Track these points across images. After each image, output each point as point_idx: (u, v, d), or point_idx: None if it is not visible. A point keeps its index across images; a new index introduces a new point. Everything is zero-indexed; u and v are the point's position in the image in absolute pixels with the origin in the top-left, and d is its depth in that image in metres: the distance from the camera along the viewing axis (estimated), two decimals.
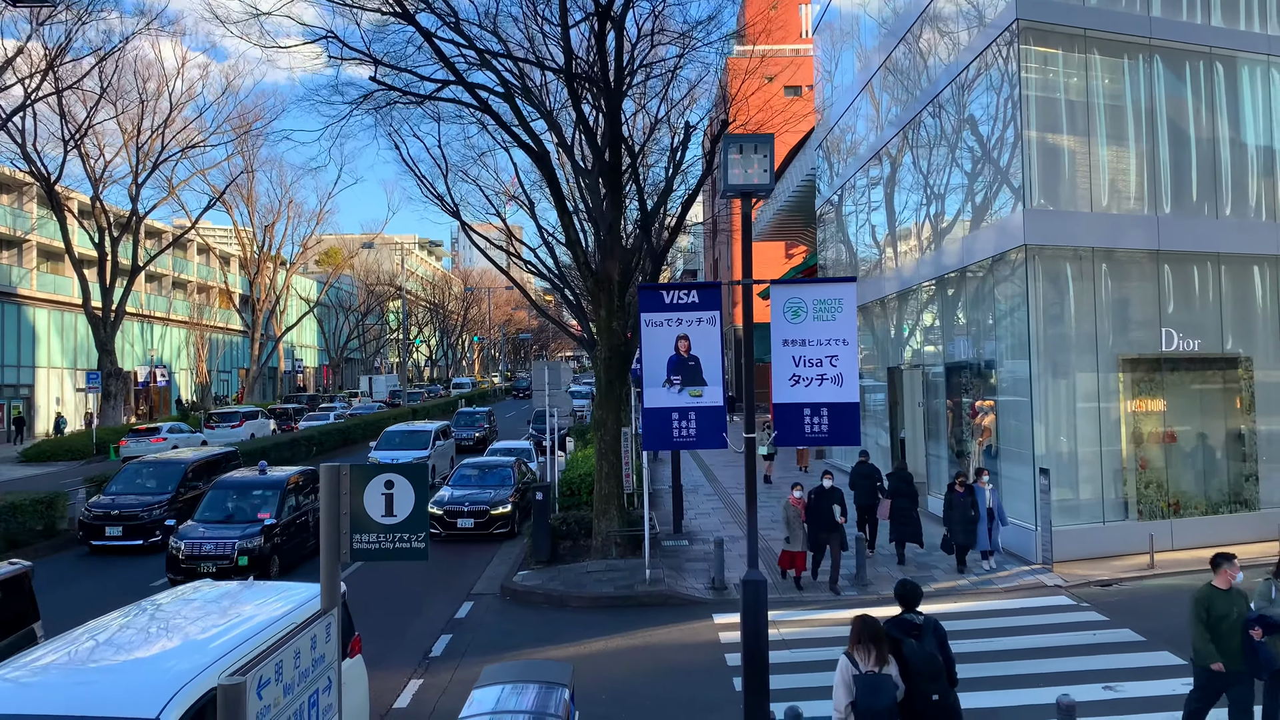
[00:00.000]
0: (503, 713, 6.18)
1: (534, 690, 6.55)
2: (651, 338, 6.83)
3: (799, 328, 6.91)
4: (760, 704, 6.50)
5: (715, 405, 6.75)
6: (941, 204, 20.85)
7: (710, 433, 6.75)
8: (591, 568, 15.95)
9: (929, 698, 6.53)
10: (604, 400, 16.88)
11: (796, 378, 6.85)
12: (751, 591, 6.59)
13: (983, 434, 18.70)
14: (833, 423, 6.87)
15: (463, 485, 21.03)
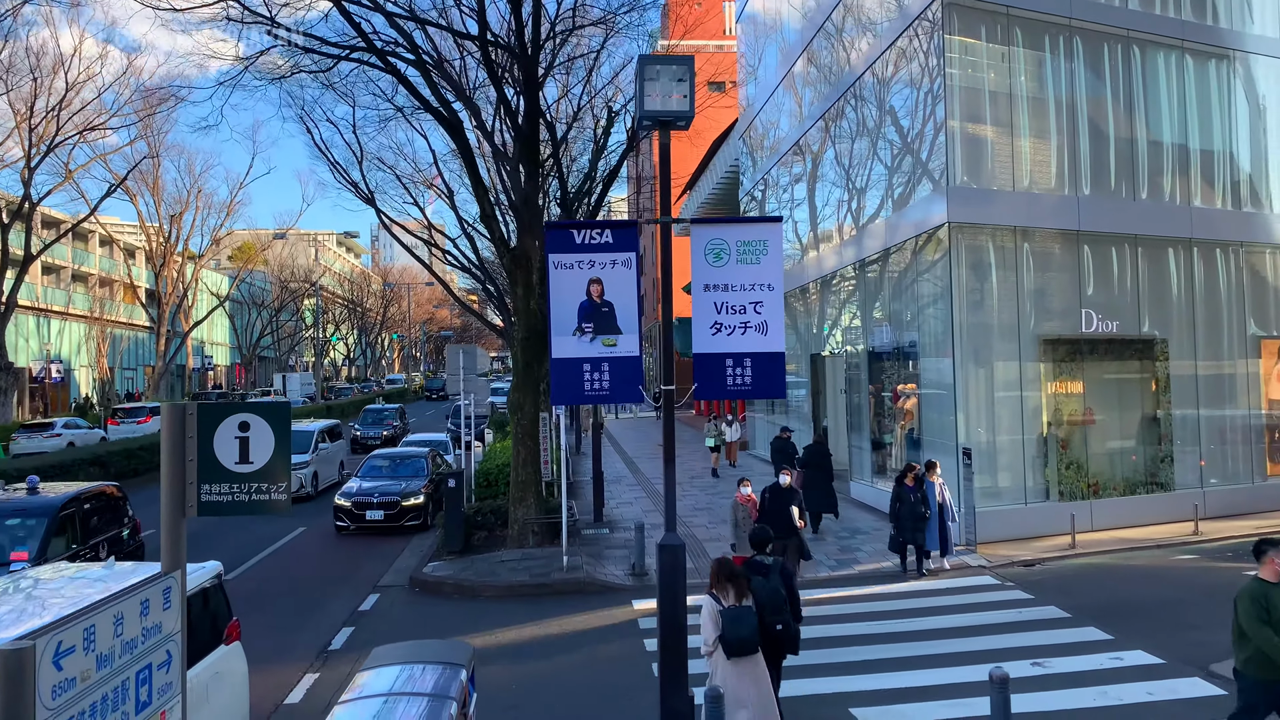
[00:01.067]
0: (387, 695, 5.49)
1: (426, 671, 5.87)
2: (560, 281, 6.18)
3: (721, 271, 6.35)
4: (677, 677, 5.94)
5: (631, 355, 6.15)
6: (864, 189, 20.67)
7: (626, 385, 6.14)
8: (506, 557, 15.24)
9: (774, 627, 7.50)
10: (521, 383, 16.19)
11: (718, 325, 6.30)
12: (669, 556, 6.02)
13: (905, 418, 18.51)
14: (757, 374, 6.31)
15: (373, 476, 20.08)
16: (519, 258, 15.91)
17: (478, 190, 15.86)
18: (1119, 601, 12.12)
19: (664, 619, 5.95)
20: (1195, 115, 18.24)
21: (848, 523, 17.61)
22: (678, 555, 5.96)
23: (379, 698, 5.52)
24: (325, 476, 24.51)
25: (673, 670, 5.96)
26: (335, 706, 5.57)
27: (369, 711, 5.34)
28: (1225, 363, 18.35)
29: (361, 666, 6.24)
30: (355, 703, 5.51)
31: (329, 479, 24.76)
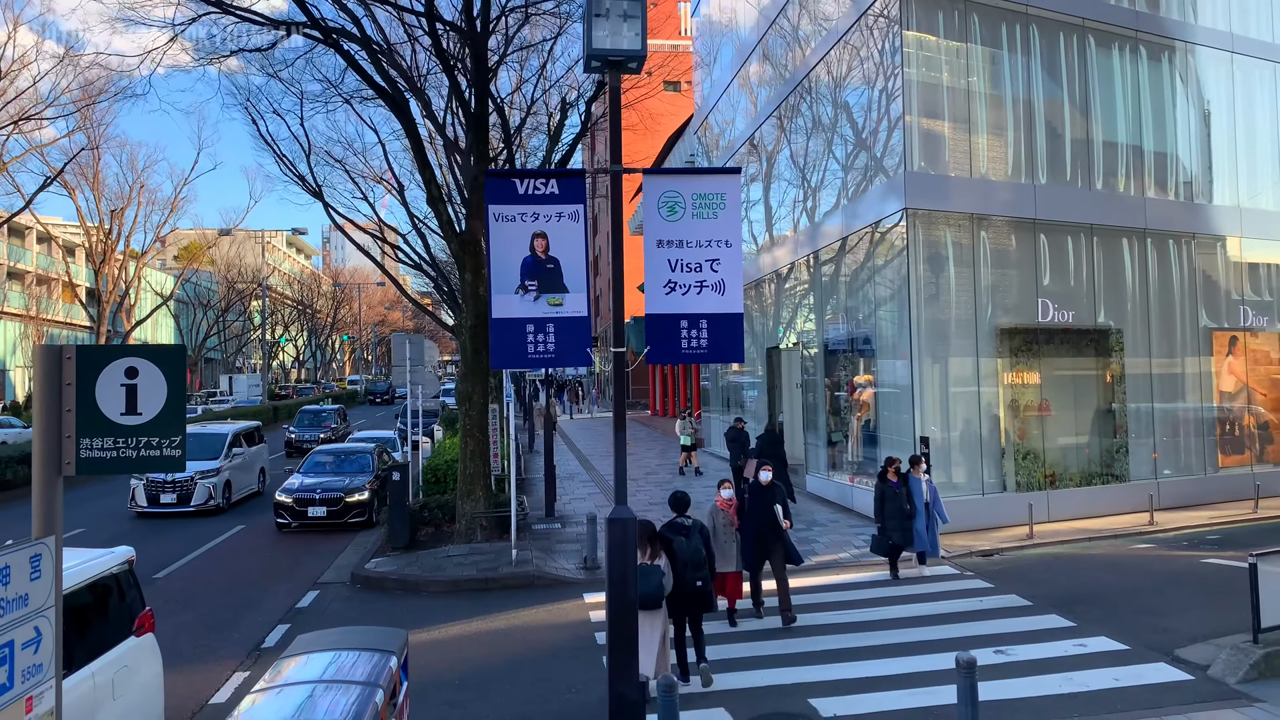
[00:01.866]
0: (307, 682, 4.98)
1: (353, 657, 5.37)
2: (501, 235, 5.68)
3: (676, 226, 5.89)
4: (627, 661, 5.50)
5: (578, 316, 5.66)
6: (820, 182, 20.44)
7: (573, 348, 5.66)
8: (453, 552, 14.69)
9: (694, 584, 8.53)
10: (470, 372, 15.65)
11: (672, 284, 5.84)
12: (619, 530, 5.57)
13: (861, 410, 18.27)
14: (713, 337, 5.86)
15: (316, 472, 19.37)
16: (467, 242, 15.38)
17: (424, 172, 15.31)
18: (1079, 589, 11.91)
19: (613, 598, 5.51)
20: (1148, 107, 18.25)
21: (804, 515, 17.28)
22: (628, 530, 5.53)
23: (298, 685, 5.02)
24: (241, 486, 21.66)
25: (623, 654, 5.52)
26: (249, 695, 5.05)
27: (287, 700, 4.84)
28: (1178, 354, 18.37)
29: (284, 654, 5.73)
30: (271, 691, 5.00)
31: (246, 488, 21.98)
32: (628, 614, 5.52)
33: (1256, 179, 19.59)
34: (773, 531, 10.61)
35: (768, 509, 10.67)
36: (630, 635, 5.57)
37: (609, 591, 5.62)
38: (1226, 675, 8.45)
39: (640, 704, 5.50)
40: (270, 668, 5.55)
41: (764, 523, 10.59)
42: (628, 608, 5.52)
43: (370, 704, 4.70)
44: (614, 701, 5.53)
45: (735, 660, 9.50)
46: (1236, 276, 19.34)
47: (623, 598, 5.50)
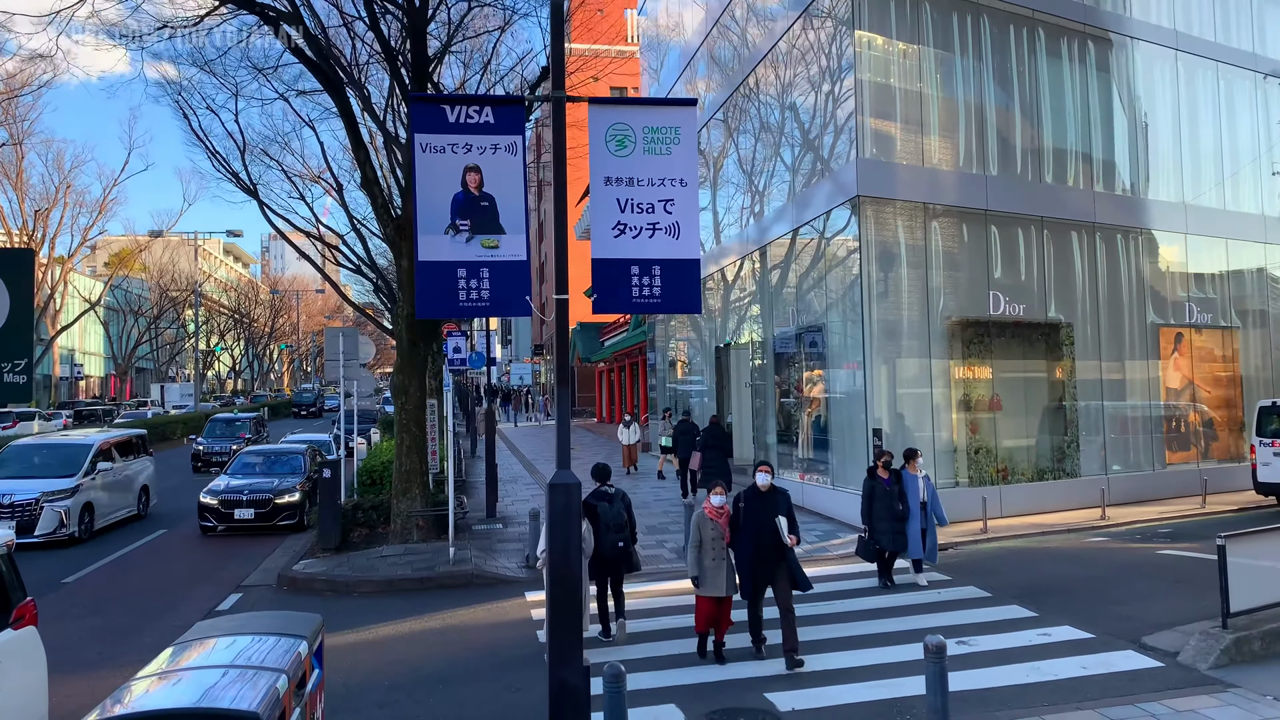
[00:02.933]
0: (201, 668, 4.30)
1: (254, 642, 4.70)
2: (430, 168, 5.04)
3: (625, 163, 5.30)
4: (569, 644, 4.89)
5: (516, 260, 5.05)
6: (770, 175, 20.09)
7: (510, 295, 5.03)
8: (387, 552, 13.92)
9: (616, 545, 9.39)
10: (406, 364, 14.91)
11: (621, 226, 5.25)
12: (561, 496, 4.96)
13: (812, 405, 17.88)
14: (668, 285, 5.27)
15: (244, 474, 18.40)
16: (404, 227, 14.67)
17: (358, 154, 14.58)
18: (1039, 580, 11.57)
19: (555, 573, 4.91)
20: (1096, 103, 18.21)
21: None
22: (571, 496, 4.93)
23: (193, 671, 4.34)
24: (109, 509, 17.46)
25: (565, 635, 4.92)
26: (137, 681, 4.37)
27: (178, 688, 4.16)
28: (1126, 350, 18.30)
29: (179, 640, 5.03)
30: (162, 678, 4.31)
31: (116, 512, 17.75)
32: (571, 591, 4.92)
33: (1200, 176, 19.68)
34: (775, 550, 8.51)
35: (768, 521, 8.52)
36: (574, 616, 4.98)
37: (550, 566, 5.02)
38: (1197, 661, 8.10)
39: (584, 691, 4.90)
40: (163, 654, 4.86)
41: (764, 538, 8.50)
42: (571, 585, 4.93)
43: (270, 690, 4.03)
44: (554, 689, 4.92)
45: (685, 655, 8.94)
46: (1182, 273, 19.37)
47: (566, 573, 4.90)
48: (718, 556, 8.58)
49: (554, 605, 4.95)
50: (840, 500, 15.88)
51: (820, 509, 16.63)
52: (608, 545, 9.32)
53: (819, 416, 17.53)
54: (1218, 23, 20.12)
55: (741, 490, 8.89)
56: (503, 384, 72.38)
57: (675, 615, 10.37)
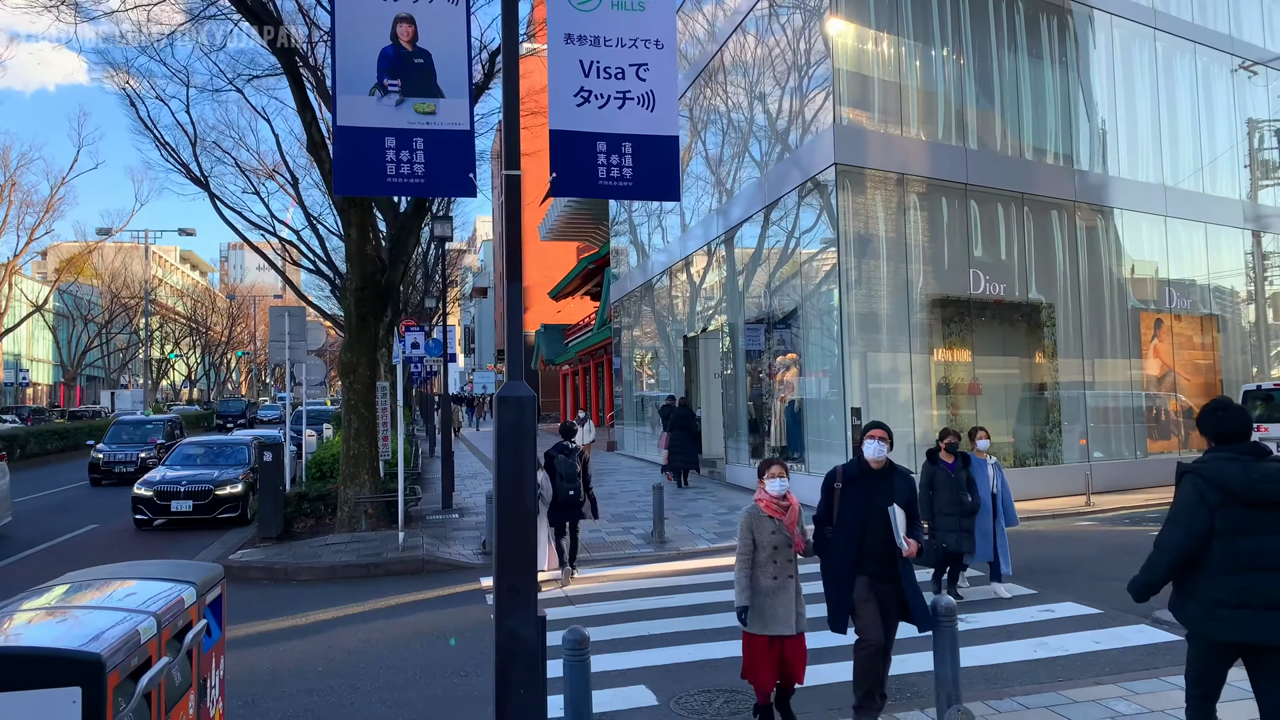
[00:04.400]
0: (41, 609, 3.37)
1: (123, 586, 3.77)
2: (352, 15, 4.08)
3: (590, 19, 4.34)
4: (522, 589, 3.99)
5: (456, 129, 4.15)
6: (743, 150, 19.36)
7: (448, 170, 4.13)
8: (333, 540, 12.91)
9: (568, 493, 10.18)
10: (355, 341, 13.93)
11: (586, 94, 4.35)
12: (513, 411, 3.98)
13: (785, 391, 17.11)
14: (640, 165, 4.37)
15: (184, 464, 17.26)
16: (354, 196, 13.72)
17: (304, 114, 13.58)
18: (1033, 560, 10.84)
19: (505, 505, 4.03)
20: (1076, 78, 17.69)
21: (725, 501, 16.02)
22: (525, 410, 4.04)
23: (29, 612, 3.40)
24: None
25: (515, 578, 4.04)
26: None
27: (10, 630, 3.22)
28: (1108, 334, 17.74)
29: (37, 586, 4.08)
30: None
31: None
32: (523, 524, 4.04)
33: (1179, 160, 19.24)
34: (885, 559, 5.55)
35: (878, 512, 5.54)
36: (527, 555, 4.09)
37: (498, 496, 4.13)
38: None
39: (535, 644, 4.02)
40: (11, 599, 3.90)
41: (870, 539, 5.55)
42: (522, 516, 4.04)
43: (128, 633, 3.11)
44: (503, 642, 4.03)
45: (656, 636, 8.07)
46: (1162, 257, 18.88)
47: (517, 502, 4.02)
48: (782, 573, 5.60)
49: (504, 541, 4.06)
50: (815, 486, 15.06)
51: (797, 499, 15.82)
52: (561, 493, 10.29)
53: (793, 403, 16.76)
54: (1194, 3, 19.75)
55: (839, 467, 5.91)
56: (466, 392, 71.60)
57: (645, 597, 9.51)
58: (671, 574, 10.66)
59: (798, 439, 16.38)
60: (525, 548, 4.08)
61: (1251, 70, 20.75)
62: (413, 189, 4.21)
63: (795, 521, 5.80)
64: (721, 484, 18.68)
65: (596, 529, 13.60)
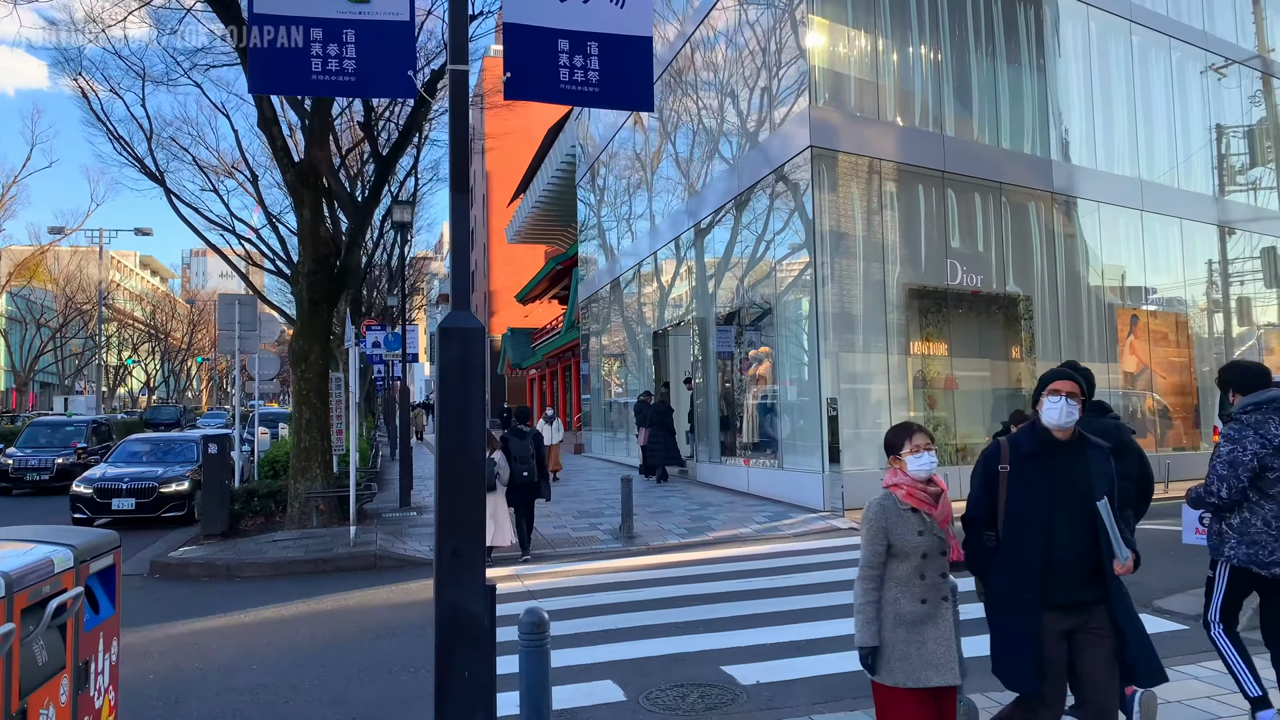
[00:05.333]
0: None
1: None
2: None
3: None
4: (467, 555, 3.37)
5: (394, 20, 3.55)
6: (716, 136, 18.86)
7: (384, 68, 3.52)
8: (281, 537, 12.18)
9: (521, 474, 10.48)
10: (306, 326, 13.22)
11: None
12: (456, 344, 3.35)
13: (758, 384, 16.58)
14: (608, 69, 3.76)
15: (128, 461, 16.41)
16: (305, 173, 13.04)
17: None
18: None
19: (447, 456, 3.41)
20: (1057, 66, 17.38)
21: (695, 498, 15.44)
22: (471, 344, 3.40)
23: None
24: None
25: (458, 540, 3.43)
26: None
27: None
28: (1084, 329, 17.40)
29: None
30: None
31: None
32: (467, 479, 3.44)
33: (1154, 154, 19.00)
34: (1089, 579, 3.68)
35: (1072, 505, 3.68)
36: (472, 513, 3.49)
37: (440, 444, 3.52)
38: None
39: (482, 619, 3.40)
40: None
41: (1062, 546, 3.65)
42: (467, 470, 3.44)
43: None
44: (443, 616, 3.41)
45: (622, 630, 7.47)
46: (1138, 252, 18.59)
47: (463, 454, 3.41)
48: (934, 593, 3.75)
49: (446, 496, 3.45)
50: (789, 482, 14.58)
51: (766, 493, 15.30)
52: (516, 474, 10.56)
53: (765, 396, 16.23)
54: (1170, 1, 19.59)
55: (1005, 439, 4.01)
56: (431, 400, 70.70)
57: (612, 591, 8.90)
58: (640, 568, 10.07)
59: (770, 433, 15.85)
60: (471, 504, 3.47)
61: (1220, 72, 20.61)
62: (341, 88, 3.60)
63: (949, 518, 3.86)
64: (693, 482, 18.10)
65: (562, 524, 12.98)
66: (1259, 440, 4.31)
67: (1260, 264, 21.56)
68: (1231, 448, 4.39)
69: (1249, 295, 21.32)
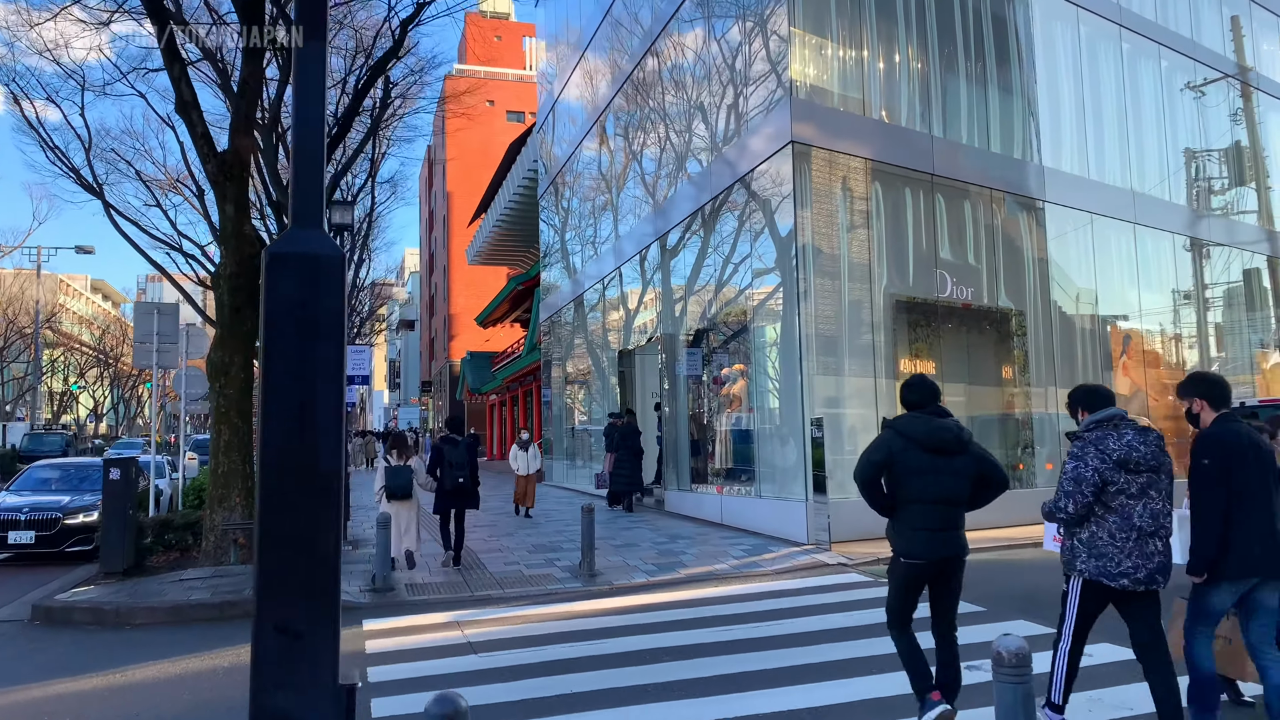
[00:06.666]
0: None
1: None
2: None
3: None
4: (305, 619, 2.01)
5: None
6: (687, 139, 17.63)
7: None
8: (191, 575, 10.59)
9: (456, 480, 10.96)
10: (227, 337, 11.71)
11: None
12: (304, 267, 2.08)
13: (732, 404, 15.27)
14: None
15: (32, 489, 14.76)
16: (229, 164, 11.60)
17: (172, 68, 11.42)
18: (1035, 592, 9.15)
19: (270, 469, 2.04)
20: (1044, 68, 16.40)
21: (665, 529, 14.04)
22: (321, 276, 2.13)
23: None
24: None
25: (286, 613, 2.05)
26: None
27: None
28: (1079, 348, 16.30)
29: None
30: None
31: None
32: (309, 512, 2.07)
33: (1145, 164, 18.08)
34: None
35: None
36: (314, 568, 2.11)
37: (260, 451, 2.14)
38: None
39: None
40: None
41: None
42: (311, 495, 2.08)
43: None
44: None
45: (588, 695, 6.05)
46: (1130, 268, 17.59)
47: (301, 468, 2.05)
48: None
49: (268, 544, 2.07)
50: (768, 511, 13.25)
51: (742, 523, 13.96)
52: (450, 480, 10.92)
53: (740, 419, 14.92)
54: (1157, 5, 18.76)
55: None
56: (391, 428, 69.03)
57: (570, 643, 7.46)
58: (603, 612, 8.64)
59: (746, 460, 14.52)
60: (312, 554, 2.08)
61: (1199, 91, 19.82)
62: None
63: None
64: (660, 512, 16.70)
65: (515, 560, 11.53)
66: (1099, 456, 4.49)
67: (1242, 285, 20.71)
68: (1075, 464, 4.58)
69: (1239, 317, 20.48)
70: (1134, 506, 4.49)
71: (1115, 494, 4.51)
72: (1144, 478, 4.49)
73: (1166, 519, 4.57)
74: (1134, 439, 4.53)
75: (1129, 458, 4.47)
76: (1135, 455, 4.49)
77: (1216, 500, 4.53)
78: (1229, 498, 4.52)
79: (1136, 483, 4.48)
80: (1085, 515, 4.60)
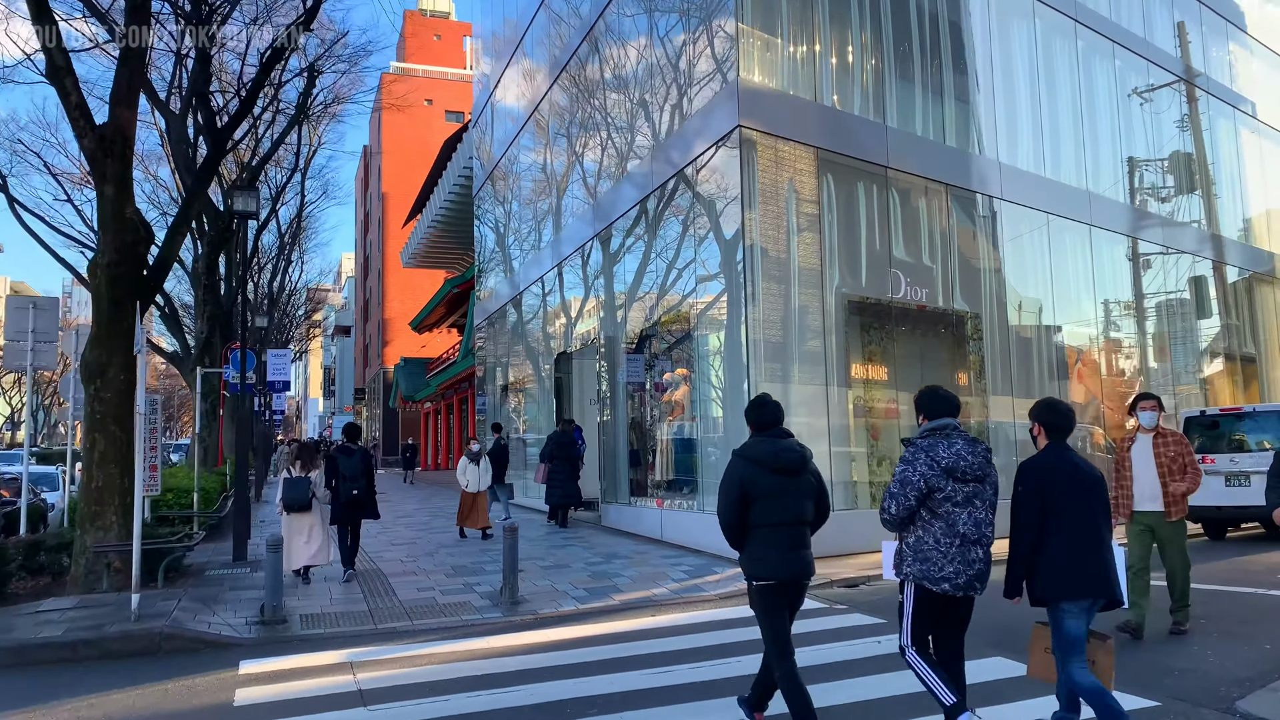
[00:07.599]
0: None
1: None
2: None
3: None
4: None
5: None
6: (629, 129, 16.59)
7: None
8: (50, 606, 9.19)
9: (351, 492, 10.61)
10: (104, 332, 10.35)
11: None
12: None
13: (674, 412, 14.24)
14: None
15: None
16: (109, 139, 10.27)
17: (42, 28, 10.05)
18: (1010, 622, 8.13)
19: None
20: (1000, 63, 15.70)
21: (600, 548, 12.93)
22: None
23: None
24: None
25: None
26: None
27: None
28: (1034, 354, 15.60)
29: None
30: None
31: None
32: None
33: (1099, 165, 17.50)
34: None
35: None
36: None
37: None
38: None
39: None
40: None
41: None
42: None
43: None
44: None
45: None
46: (1086, 271, 16.96)
47: None
48: None
49: None
50: (712, 527, 12.17)
51: (684, 540, 12.92)
52: (344, 493, 10.59)
53: (683, 427, 13.89)
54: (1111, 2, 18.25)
55: None
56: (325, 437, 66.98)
57: (483, 691, 6.31)
58: (523, 649, 7.50)
59: (689, 471, 13.49)
60: None
61: (1145, 98, 19.38)
62: None
63: None
64: (597, 528, 15.58)
65: (429, 585, 10.33)
66: (928, 463, 4.53)
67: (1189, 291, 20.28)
68: (904, 469, 4.61)
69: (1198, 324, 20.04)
70: (959, 514, 4.54)
71: (942, 501, 4.54)
72: (970, 486, 4.56)
73: (989, 528, 4.62)
74: (963, 448, 4.59)
75: (957, 466, 4.53)
76: (963, 464, 4.54)
77: (1027, 525, 4.61)
78: (1041, 524, 4.58)
79: (963, 491, 4.54)
80: (908, 519, 4.62)
